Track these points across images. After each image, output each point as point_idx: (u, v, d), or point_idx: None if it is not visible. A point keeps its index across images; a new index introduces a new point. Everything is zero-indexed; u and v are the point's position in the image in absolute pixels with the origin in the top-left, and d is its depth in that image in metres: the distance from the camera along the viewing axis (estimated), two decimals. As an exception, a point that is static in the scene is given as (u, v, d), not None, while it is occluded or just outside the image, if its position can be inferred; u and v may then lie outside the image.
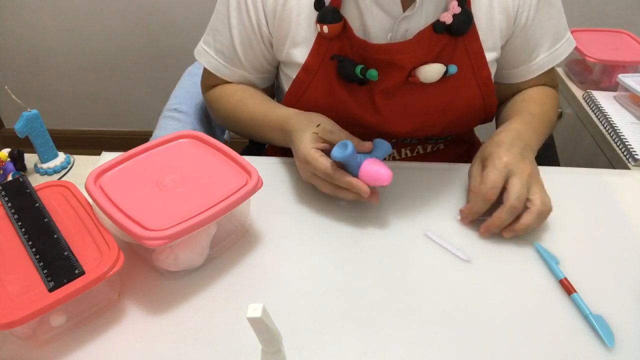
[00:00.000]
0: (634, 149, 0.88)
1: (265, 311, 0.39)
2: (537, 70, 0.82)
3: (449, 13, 0.70)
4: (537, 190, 0.63)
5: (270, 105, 0.80)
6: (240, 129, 0.86)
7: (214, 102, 0.87)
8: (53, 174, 0.79)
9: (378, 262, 0.62)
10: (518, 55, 0.80)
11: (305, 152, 0.65)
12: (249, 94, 0.83)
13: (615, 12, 1.65)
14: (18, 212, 0.57)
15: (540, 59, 0.80)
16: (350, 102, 0.76)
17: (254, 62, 0.81)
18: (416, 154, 0.87)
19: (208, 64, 0.83)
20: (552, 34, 0.79)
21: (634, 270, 0.61)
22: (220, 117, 0.88)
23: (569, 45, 0.82)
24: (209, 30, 0.82)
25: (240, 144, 1.02)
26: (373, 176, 0.62)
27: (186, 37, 1.83)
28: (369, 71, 0.72)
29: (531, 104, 0.81)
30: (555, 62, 0.82)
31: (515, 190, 0.62)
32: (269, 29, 0.76)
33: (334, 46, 0.73)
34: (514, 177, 0.63)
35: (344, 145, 0.62)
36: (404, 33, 0.73)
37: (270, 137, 0.79)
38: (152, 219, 0.54)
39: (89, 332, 0.54)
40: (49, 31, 1.86)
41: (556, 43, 0.80)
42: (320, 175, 0.65)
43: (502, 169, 0.64)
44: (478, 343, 0.53)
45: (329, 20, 0.70)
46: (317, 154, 0.65)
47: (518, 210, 0.62)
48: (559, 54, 0.81)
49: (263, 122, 0.78)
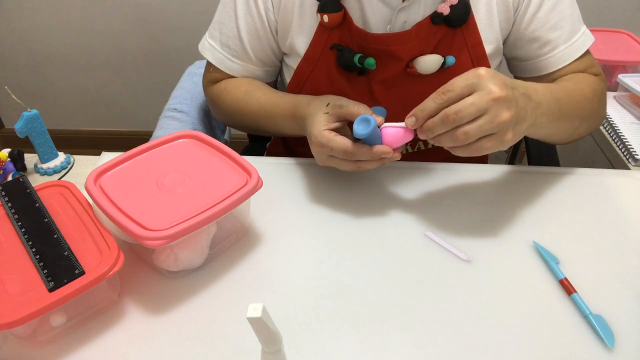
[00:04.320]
0: (634, 149, 0.88)
1: (265, 311, 0.39)
2: (554, 64, 0.78)
3: (446, 4, 0.70)
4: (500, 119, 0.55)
5: (279, 94, 0.80)
6: (247, 122, 0.85)
7: (217, 96, 0.86)
8: (53, 174, 0.79)
9: (378, 262, 0.62)
10: (529, 47, 0.78)
11: (318, 134, 0.65)
12: (255, 86, 0.83)
13: (615, 12, 1.65)
14: (18, 212, 0.57)
15: (558, 51, 0.77)
16: (350, 92, 0.76)
17: (261, 54, 0.81)
18: (417, 150, 0.87)
19: (213, 58, 0.83)
20: (569, 28, 0.76)
21: (634, 270, 0.61)
22: (225, 112, 0.86)
23: (587, 39, 0.78)
24: (214, 24, 0.82)
25: (240, 144, 1.02)
26: (398, 137, 0.61)
27: (186, 37, 1.83)
28: (367, 59, 0.72)
29: (562, 81, 0.77)
30: (573, 57, 0.77)
31: (463, 104, 0.54)
32: (275, 16, 0.77)
33: (334, 36, 0.74)
34: (475, 94, 0.55)
35: (365, 120, 0.60)
36: (402, 24, 0.73)
37: (281, 126, 0.78)
38: (152, 219, 0.54)
39: (89, 332, 0.54)
40: (49, 31, 1.86)
41: (572, 37, 0.77)
42: (339, 155, 0.64)
43: (469, 77, 0.56)
44: (478, 343, 0.53)
45: (329, 9, 0.71)
46: (331, 134, 0.64)
47: (450, 120, 0.55)
48: (576, 48, 0.77)
49: (273, 111, 0.78)
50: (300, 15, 0.75)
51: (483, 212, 0.69)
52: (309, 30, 0.75)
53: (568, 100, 0.69)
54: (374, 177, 0.75)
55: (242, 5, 0.77)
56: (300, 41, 0.76)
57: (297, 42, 0.77)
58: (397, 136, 0.61)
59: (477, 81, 0.55)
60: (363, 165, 0.64)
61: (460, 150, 0.59)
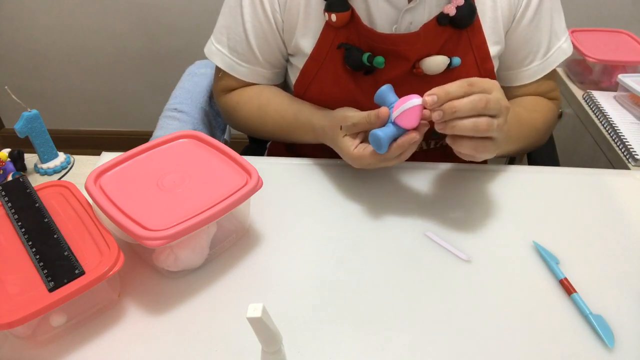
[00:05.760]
0: (634, 149, 0.88)
1: (265, 311, 0.39)
2: (530, 76, 0.82)
3: (452, 5, 0.70)
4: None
5: (294, 107, 0.80)
6: (266, 135, 0.87)
7: (232, 110, 0.86)
8: (53, 174, 0.79)
9: (378, 262, 0.62)
10: (513, 56, 0.80)
11: (349, 155, 0.67)
12: (265, 99, 0.83)
13: (615, 12, 1.65)
14: (18, 212, 0.57)
15: (535, 65, 0.81)
16: (356, 92, 0.76)
17: (269, 56, 0.81)
18: (419, 150, 0.87)
19: (222, 63, 0.83)
20: (547, 42, 0.79)
21: (634, 270, 0.61)
22: (240, 126, 0.88)
23: (561, 53, 0.81)
24: (220, 28, 0.82)
25: (240, 144, 1.02)
26: (411, 117, 0.60)
27: (186, 37, 1.83)
28: (376, 58, 0.72)
29: (518, 106, 0.80)
30: (546, 71, 0.81)
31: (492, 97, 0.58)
32: (282, 16, 0.77)
33: (340, 36, 0.74)
34: (496, 92, 0.59)
35: (376, 139, 0.61)
36: (408, 25, 0.73)
37: (304, 139, 0.79)
38: (152, 219, 0.54)
39: (89, 332, 0.54)
40: (49, 31, 1.86)
41: (548, 51, 0.80)
42: (374, 164, 0.66)
43: (487, 80, 0.60)
44: (478, 343, 0.53)
45: (336, 8, 0.71)
46: (359, 152, 0.66)
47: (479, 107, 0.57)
48: (550, 63, 0.81)
49: (292, 128, 0.79)
50: (306, 15, 0.75)
51: (483, 212, 0.69)
52: (314, 30, 0.75)
53: (518, 127, 0.76)
54: (374, 177, 0.75)
55: (249, 9, 0.77)
56: (306, 41, 0.76)
57: (303, 42, 0.76)
58: (413, 116, 0.60)
59: (493, 86, 0.60)
60: (401, 158, 0.65)
61: (466, 143, 0.60)
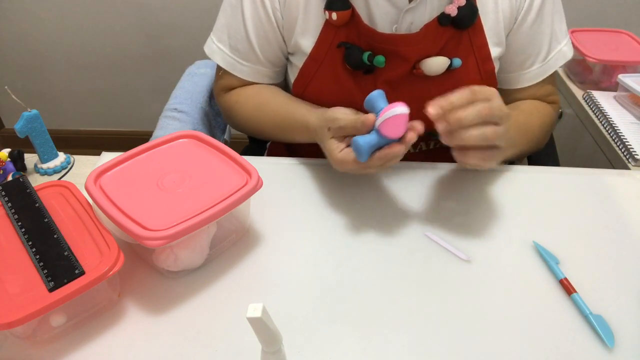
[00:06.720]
0: (634, 149, 0.88)
1: (265, 311, 0.39)
2: (530, 79, 0.82)
3: (453, 5, 0.70)
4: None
5: (291, 106, 0.79)
6: (263, 135, 0.87)
7: (230, 109, 0.86)
8: (53, 174, 0.79)
9: (378, 262, 0.62)
10: (513, 59, 0.80)
11: (332, 158, 0.65)
12: (264, 98, 0.83)
13: (615, 12, 1.65)
14: (18, 212, 0.57)
15: (535, 68, 0.81)
16: (355, 91, 0.76)
17: (270, 54, 0.81)
18: (419, 151, 0.87)
19: (223, 62, 0.83)
20: (548, 45, 0.79)
21: (634, 270, 0.61)
22: (238, 126, 0.88)
23: (561, 57, 0.81)
24: (220, 27, 0.81)
25: (240, 144, 1.02)
26: (395, 126, 0.59)
27: (186, 37, 1.83)
28: (377, 57, 0.72)
29: (515, 110, 0.80)
30: (546, 74, 0.81)
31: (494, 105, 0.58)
32: (282, 13, 0.77)
33: (340, 34, 0.74)
34: (497, 99, 0.59)
35: (357, 147, 0.60)
36: (409, 25, 0.73)
37: (299, 138, 0.79)
38: (152, 219, 0.54)
39: (89, 332, 0.54)
40: (49, 31, 1.86)
41: (548, 55, 0.80)
42: (355, 170, 0.64)
43: (487, 88, 0.59)
44: (478, 343, 0.53)
45: (337, 7, 0.71)
46: (342, 156, 0.63)
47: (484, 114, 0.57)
48: (550, 66, 0.81)
49: (289, 127, 0.79)
50: (306, 14, 0.74)
51: (483, 212, 0.69)
52: (314, 28, 0.75)
53: (517, 132, 0.74)
54: (374, 177, 0.75)
55: (249, 7, 0.77)
56: (305, 40, 0.76)
57: (302, 41, 0.76)
58: (396, 126, 0.59)
59: (493, 94, 0.59)
60: (385, 166, 0.63)
61: (474, 154, 0.61)
